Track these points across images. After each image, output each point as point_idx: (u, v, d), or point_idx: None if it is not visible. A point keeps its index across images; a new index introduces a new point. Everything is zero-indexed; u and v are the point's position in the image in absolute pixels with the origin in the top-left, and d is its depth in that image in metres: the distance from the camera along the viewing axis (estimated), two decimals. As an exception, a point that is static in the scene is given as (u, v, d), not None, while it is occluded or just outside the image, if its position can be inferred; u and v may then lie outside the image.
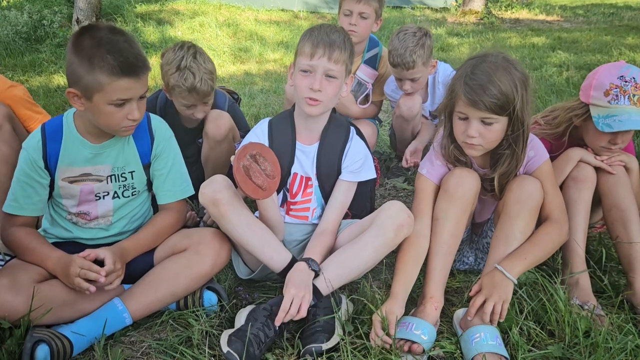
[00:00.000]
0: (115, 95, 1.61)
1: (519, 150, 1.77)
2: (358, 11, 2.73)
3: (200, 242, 1.82)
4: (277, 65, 6.00)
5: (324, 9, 9.75)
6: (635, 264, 1.86)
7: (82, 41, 1.59)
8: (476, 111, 1.71)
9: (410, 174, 3.03)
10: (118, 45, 1.58)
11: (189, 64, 2.18)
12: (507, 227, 1.77)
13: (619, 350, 1.58)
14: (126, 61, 1.58)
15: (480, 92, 1.68)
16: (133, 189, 1.87)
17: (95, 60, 1.56)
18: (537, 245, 1.75)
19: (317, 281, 1.74)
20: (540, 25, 8.60)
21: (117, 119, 1.66)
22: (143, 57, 1.65)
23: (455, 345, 1.66)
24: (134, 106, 1.66)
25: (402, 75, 2.67)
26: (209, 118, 2.35)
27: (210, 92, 2.25)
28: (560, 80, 4.79)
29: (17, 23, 6.42)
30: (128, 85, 1.61)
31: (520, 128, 1.72)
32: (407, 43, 2.58)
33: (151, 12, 8.23)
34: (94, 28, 1.63)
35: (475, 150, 1.79)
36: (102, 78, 1.57)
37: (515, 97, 1.67)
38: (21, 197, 1.75)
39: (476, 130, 1.73)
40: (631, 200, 1.91)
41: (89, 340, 1.64)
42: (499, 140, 1.77)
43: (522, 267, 1.71)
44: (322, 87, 1.78)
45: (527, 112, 1.72)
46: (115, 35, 1.61)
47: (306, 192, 1.99)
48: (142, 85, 1.66)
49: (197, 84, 2.18)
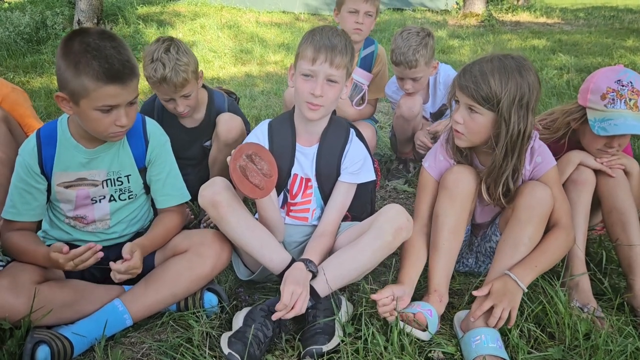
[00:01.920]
0: (101, 102, 1.58)
1: (498, 150, 1.74)
2: (365, 10, 2.75)
3: (201, 244, 1.83)
4: (278, 67, 6.01)
5: (325, 11, 9.77)
6: (635, 266, 1.86)
7: (71, 45, 1.57)
8: (463, 96, 1.74)
9: (410, 176, 3.04)
10: (105, 51, 1.55)
11: (160, 56, 2.20)
12: (515, 232, 1.76)
13: (619, 352, 1.58)
14: (112, 68, 1.55)
15: (469, 79, 1.72)
16: (129, 193, 1.87)
17: (81, 66, 1.54)
18: (546, 252, 1.74)
19: (315, 282, 1.74)
20: (541, 28, 8.61)
21: (105, 124, 1.64)
22: (131, 63, 1.60)
23: (456, 347, 1.66)
24: (121, 112, 1.63)
25: (404, 75, 2.68)
26: (221, 120, 2.36)
27: (184, 83, 2.24)
28: (560, 83, 4.80)
29: (19, 24, 6.44)
30: (114, 92, 1.58)
31: (504, 126, 1.71)
32: (410, 42, 2.59)
33: (152, 13, 8.25)
34: (84, 32, 1.60)
35: (461, 139, 1.81)
36: (88, 84, 1.55)
37: (503, 94, 1.67)
38: (19, 203, 1.76)
39: (461, 116, 1.77)
40: (630, 203, 1.91)
41: (89, 341, 1.64)
42: (483, 135, 1.77)
43: (533, 276, 1.71)
44: (324, 92, 1.79)
45: (517, 115, 1.70)
46: (104, 40, 1.58)
47: (306, 193, 1.99)
48: (129, 92, 1.62)
49: (168, 75, 2.19)
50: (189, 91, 2.29)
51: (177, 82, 2.21)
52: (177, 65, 2.20)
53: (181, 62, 2.21)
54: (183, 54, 2.24)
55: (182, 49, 2.26)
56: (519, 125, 1.70)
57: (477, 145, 1.83)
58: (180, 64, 2.21)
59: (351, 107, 2.91)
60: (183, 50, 2.26)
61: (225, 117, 2.37)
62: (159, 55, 2.20)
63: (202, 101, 2.47)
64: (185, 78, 2.23)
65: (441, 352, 1.64)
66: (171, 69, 2.19)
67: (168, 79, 2.20)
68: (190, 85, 2.28)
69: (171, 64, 2.19)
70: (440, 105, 2.92)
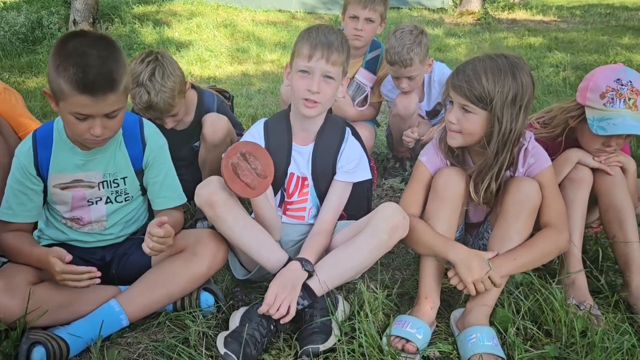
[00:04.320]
0: (74, 109, 1.55)
1: (489, 149, 1.74)
2: (365, 16, 2.74)
3: (197, 243, 1.82)
4: (275, 66, 6.00)
5: (321, 9, 9.75)
6: (632, 263, 1.86)
7: (61, 45, 1.55)
8: (457, 96, 1.74)
9: (407, 174, 3.03)
10: (87, 60, 1.50)
11: (145, 82, 2.13)
12: (503, 228, 1.76)
13: (616, 350, 1.58)
14: (85, 78, 1.49)
15: (462, 79, 1.72)
16: (126, 195, 1.86)
17: (61, 69, 1.52)
18: (529, 247, 1.73)
19: (311, 281, 1.74)
20: (537, 26, 8.61)
21: (80, 130, 1.61)
22: (112, 77, 1.53)
23: (452, 346, 1.67)
24: (96, 123, 1.58)
25: (399, 73, 2.68)
26: (206, 121, 2.32)
27: (169, 108, 2.20)
28: (557, 81, 4.80)
29: (15, 24, 6.41)
30: (85, 102, 1.53)
31: (497, 125, 1.71)
32: (404, 41, 2.59)
33: (148, 13, 8.23)
34: (79, 35, 1.57)
35: (454, 139, 1.80)
36: (64, 87, 1.52)
37: (495, 93, 1.67)
38: (15, 205, 1.75)
39: (455, 116, 1.76)
40: (627, 201, 1.91)
41: (85, 341, 1.64)
42: (477, 134, 1.77)
43: (510, 267, 1.70)
44: (320, 89, 1.79)
45: (510, 113, 1.69)
46: (94, 47, 1.53)
47: (302, 192, 1.99)
48: (105, 105, 1.56)
49: (153, 102, 2.13)
50: (175, 112, 2.26)
51: (163, 108, 2.17)
52: (162, 92, 2.13)
53: (166, 88, 2.14)
54: (168, 77, 2.15)
55: (167, 72, 2.16)
56: (511, 124, 1.70)
57: (471, 144, 1.82)
58: (166, 90, 2.14)
59: (352, 107, 2.90)
60: (168, 73, 2.16)
61: (210, 117, 2.33)
62: (143, 79, 2.13)
63: (191, 102, 2.42)
64: (170, 104, 2.18)
65: (437, 351, 1.64)
66: (156, 95, 2.13)
67: (154, 106, 2.15)
68: (177, 106, 2.24)
69: (156, 90, 2.12)
70: (435, 104, 2.92)
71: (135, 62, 2.19)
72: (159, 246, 1.65)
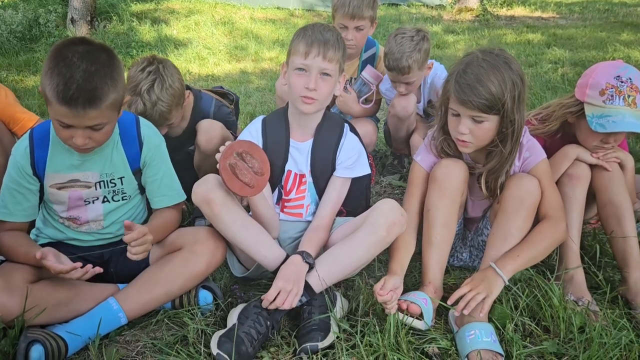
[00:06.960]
0: (56, 116, 1.56)
1: (505, 149, 1.76)
2: (354, 26, 2.72)
3: (195, 241, 1.82)
4: (273, 63, 5.99)
5: (320, 7, 9.72)
6: (630, 259, 1.87)
7: (56, 50, 1.55)
8: (466, 110, 1.72)
9: (405, 171, 3.03)
10: (72, 72, 1.50)
11: (143, 93, 2.09)
12: (504, 224, 1.77)
13: (614, 345, 1.58)
14: (66, 90, 1.49)
15: (469, 92, 1.69)
16: (123, 194, 1.85)
17: (48, 75, 1.52)
18: (530, 243, 1.75)
19: (310, 278, 1.74)
20: (536, 22, 8.60)
21: (63, 136, 1.61)
22: (94, 94, 1.52)
23: (451, 342, 1.67)
24: (77, 133, 1.58)
25: (397, 79, 2.66)
26: (200, 129, 2.27)
27: (163, 121, 2.17)
28: (555, 77, 4.80)
29: (12, 22, 6.39)
30: (64, 113, 1.53)
31: (510, 127, 1.72)
32: (404, 47, 2.54)
33: (146, 11, 8.20)
34: (77, 43, 1.57)
35: (467, 147, 1.80)
36: (48, 94, 1.52)
37: (505, 96, 1.67)
38: (11, 204, 1.74)
39: (467, 127, 1.75)
40: (625, 197, 1.92)
41: (83, 340, 1.64)
42: (490, 138, 1.78)
43: (514, 265, 1.71)
44: (317, 86, 1.79)
45: (518, 111, 1.71)
46: (83, 61, 1.52)
47: (300, 189, 1.99)
48: (85, 119, 1.54)
49: (148, 114, 2.10)
50: (170, 122, 2.23)
51: (158, 121, 2.13)
52: (158, 105, 2.10)
53: (163, 102, 2.10)
54: (167, 90, 2.11)
55: (166, 85, 2.12)
56: (520, 121, 1.72)
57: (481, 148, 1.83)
58: (163, 105, 2.10)
59: (357, 104, 2.87)
60: (167, 86, 2.12)
61: (204, 125, 2.28)
62: (141, 90, 2.09)
63: (187, 108, 2.37)
64: (165, 117, 2.15)
65: (436, 347, 1.64)
66: (152, 108, 2.09)
67: (149, 117, 2.09)
68: (172, 118, 2.21)
69: (152, 103, 2.09)
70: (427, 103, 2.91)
71: (136, 67, 2.15)
72: (141, 248, 1.64)
